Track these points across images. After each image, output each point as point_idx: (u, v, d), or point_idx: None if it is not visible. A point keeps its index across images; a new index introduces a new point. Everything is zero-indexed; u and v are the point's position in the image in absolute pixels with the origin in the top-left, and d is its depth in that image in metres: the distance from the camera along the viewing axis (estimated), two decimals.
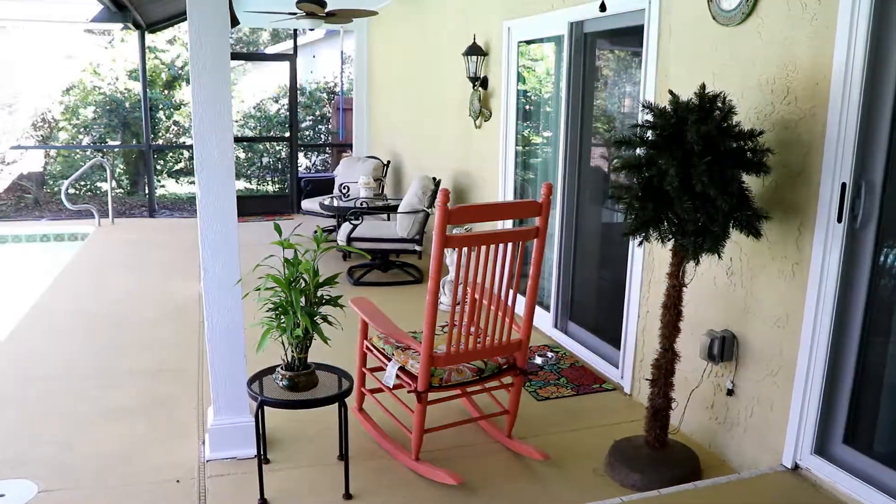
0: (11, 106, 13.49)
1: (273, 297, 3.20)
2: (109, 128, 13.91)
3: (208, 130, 3.57)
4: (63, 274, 8.02)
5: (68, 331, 6.18)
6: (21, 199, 13.29)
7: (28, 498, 3.59)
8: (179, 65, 14.63)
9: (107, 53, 14.03)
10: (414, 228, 7.21)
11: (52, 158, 14.11)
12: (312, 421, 4.13)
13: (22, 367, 5.38)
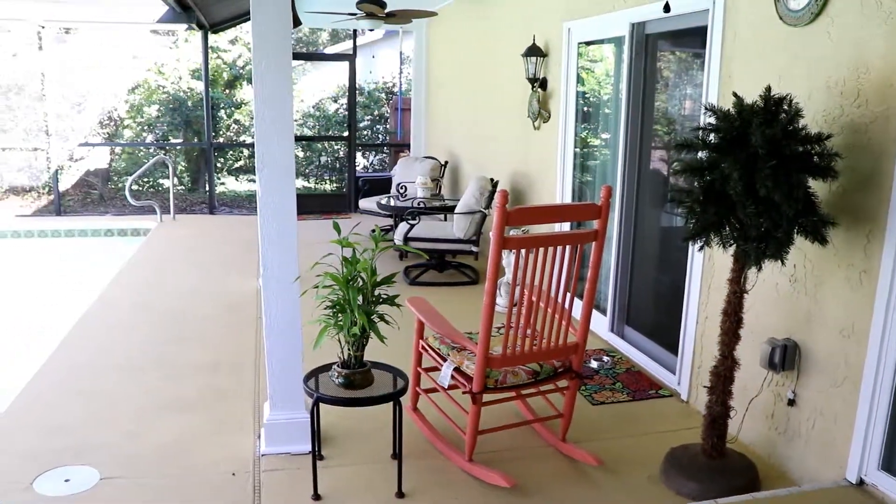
0: (80, 105, 13.84)
1: (331, 295, 3.22)
2: (172, 126, 14.18)
3: (270, 129, 3.62)
4: (126, 268, 8.21)
5: (130, 324, 6.32)
6: (87, 194, 13.63)
7: (91, 484, 3.69)
8: (241, 64, 14.84)
9: (171, 53, 14.31)
10: (471, 229, 7.21)
11: (117, 155, 14.44)
12: (367, 419, 4.15)
13: (87, 358, 5.52)
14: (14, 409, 4.59)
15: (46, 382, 5.03)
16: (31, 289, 9.22)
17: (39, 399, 4.76)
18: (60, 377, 5.13)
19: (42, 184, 13.32)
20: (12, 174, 13.48)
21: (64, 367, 5.32)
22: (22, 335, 7.46)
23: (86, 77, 13.73)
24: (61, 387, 4.96)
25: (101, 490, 3.65)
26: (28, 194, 13.37)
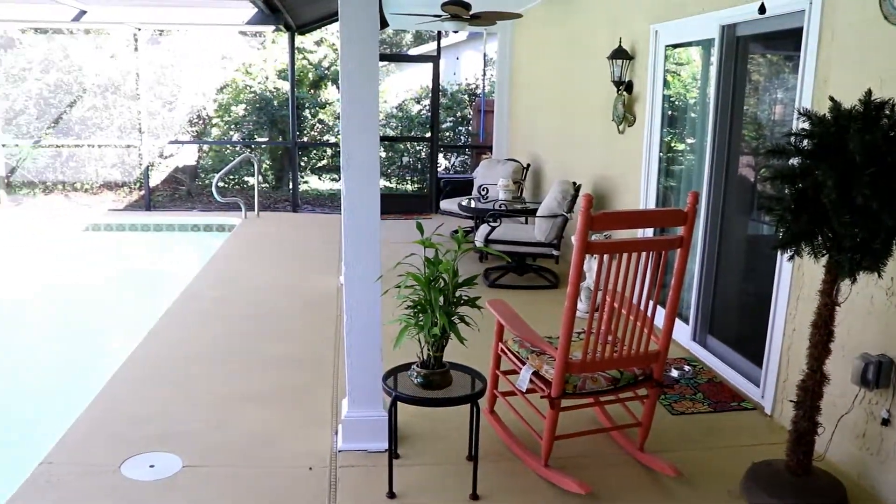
0: (171, 104, 14.26)
1: (412, 295, 3.24)
2: (258, 125, 14.49)
3: (356, 129, 3.66)
4: (211, 263, 8.42)
5: (214, 317, 6.48)
6: (176, 190, 14.03)
7: (174, 471, 3.80)
8: (326, 65, 15.06)
9: (258, 54, 14.61)
10: (552, 233, 7.15)
11: (204, 153, 14.83)
12: (444, 419, 4.15)
13: (172, 349, 5.68)
14: (103, 396, 4.76)
15: (133, 371, 5.20)
16: (121, 280, 9.55)
17: (126, 387, 4.93)
18: (147, 367, 5.30)
19: (134, 179, 13.78)
20: (106, 170, 13.98)
21: (150, 357, 5.49)
22: (111, 325, 7.73)
23: (177, 77, 14.14)
24: (147, 376, 5.12)
25: (183, 477, 3.76)
26: (120, 189, 13.84)
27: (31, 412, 5.61)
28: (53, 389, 6.01)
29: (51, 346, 7.14)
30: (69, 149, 13.85)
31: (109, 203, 13.25)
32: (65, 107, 13.92)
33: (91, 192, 13.85)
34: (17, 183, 13.56)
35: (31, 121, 13.80)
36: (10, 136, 13.37)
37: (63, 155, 13.87)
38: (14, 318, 8.10)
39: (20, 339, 7.41)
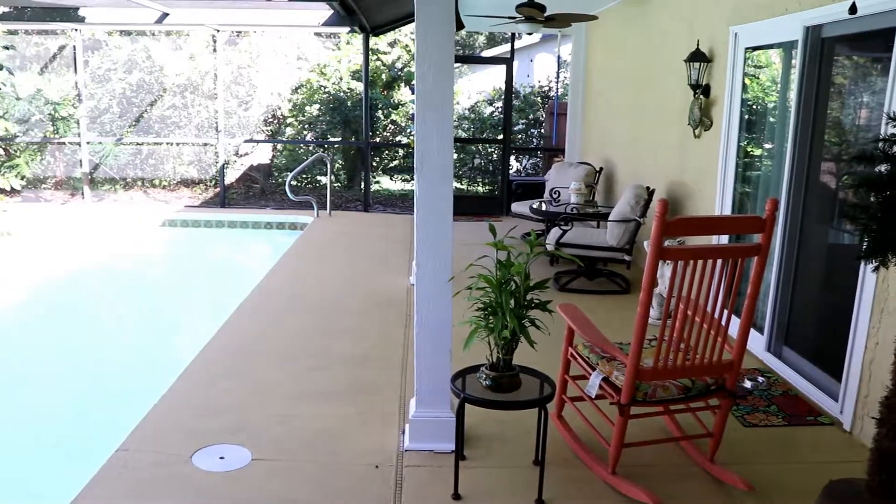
0: (247, 103, 14.53)
1: (483, 297, 3.23)
2: (331, 125, 14.65)
3: (430, 130, 3.67)
4: (283, 260, 8.55)
5: (285, 314, 6.58)
6: (250, 188, 14.29)
7: (243, 463, 3.88)
8: (399, 66, 15.16)
9: (333, 55, 14.79)
10: (624, 237, 7.07)
11: (278, 152, 15.07)
12: (511, 422, 4.14)
13: (244, 344, 5.79)
14: (176, 387, 4.88)
15: (206, 365, 5.32)
16: (195, 275, 9.77)
17: (199, 380, 5.04)
18: (219, 361, 5.41)
19: (209, 177, 14.08)
20: (184, 167, 14.32)
21: (223, 351, 5.61)
22: (186, 318, 7.92)
23: (253, 77, 14.41)
24: (219, 370, 5.23)
25: (252, 469, 3.83)
26: (197, 186, 14.16)
27: (108, 401, 5.78)
28: (130, 379, 6.19)
29: (128, 338, 7.36)
30: (149, 146, 14.24)
31: (186, 200, 13.57)
32: (146, 106, 14.31)
33: (169, 188, 14.20)
34: (99, 179, 14.00)
35: (114, 119, 14.23)
36: (95, 134, 13.80)
37: (143, 152, 14.27)
38: (95, 310, 8.37)
39: (100, 330, 7.66)
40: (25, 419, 5.59)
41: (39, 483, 4.58)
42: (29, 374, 6.50)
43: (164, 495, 3.63)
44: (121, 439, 4.13)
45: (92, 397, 5.92)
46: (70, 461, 4.76)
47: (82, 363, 6.68)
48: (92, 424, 5.38)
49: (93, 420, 5.47)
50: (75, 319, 8.03)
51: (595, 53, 10.75)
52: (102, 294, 8.95)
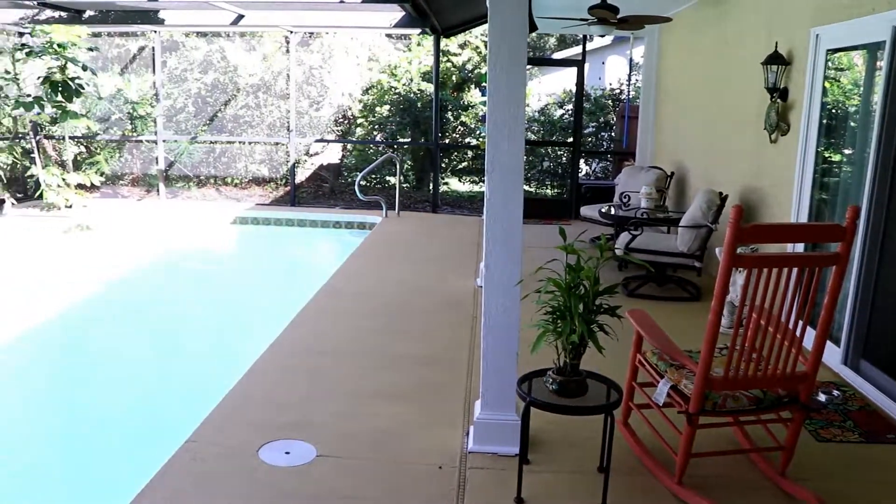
0: (318, 103, 14.73)
1: (552, 301, 3.21)
2: (401, 126, 14.74)
3: (501, 133, 3.66)
4: (351, 259, 8.63)
5: (352, 312, 6.64)
6: (319, 187, 14.47)
7: (308, 459, 3.93)
8: (470, 68, 15.18)
9: (403, 56, 14.88)
10: (695, 244, 6.94)
11: (348, 152, 15.22)
12: (576, 427, 4.10)
13: (310, 341, 5.87)
14: (244, 382, 4.98)
15: (273, 361, 5.40)
16: (264, 272, 9.94)
17: (266, 376, 5.13)
18: (286, 357, 5.49)
19: (280, 176, 14.30)
20: (255, 166, 14.58)
21: (289, 347, 5.69)
22: (254, 314, 8.05)
23: (324, 77, 14.59)
24: (286, 366, 5.31)
25: (317, 465, 3.88)
26: (268, 185, 14.40)
27: (177, 392, 5.94)
28: (199, 372, 6.34)
29: (198, 332, 7.53)
30: (222, 145, 14.54)
31: (257, 198, 13.81)
32: (220, 105, 14.62)
33: (240, 186, 14.48)
34: (174, 176, 14.35)
35: (189, 118, 14.57)
36: (171, 133, 14.16)
37: (216, 151, 14.58)
38: (167, 304, 8.58)
39: (171, 323, 7.85)
40: (98, 408, 5.78)
41: (110, 470, 4.73)
42: (104, 364, 6.71)
43: (230, 487, 3.70)
44: (189, 431, 4.23)
45: (161, 388, 6.09)
46: (140, 450, 4.90)
47: (154, 355, 6.87)
48: (161, 415, 5.53)
49: (162, 411, 5.62)
50: (148, 312, 8.25)
51: (668, 56, 10.60)
52: (174, 288, 9.17)
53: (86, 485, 4.51)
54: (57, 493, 4.53)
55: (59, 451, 5.16)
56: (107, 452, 5.02)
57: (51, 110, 11.85)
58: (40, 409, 5.93)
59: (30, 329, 7.47)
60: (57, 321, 7.78)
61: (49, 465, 4.95)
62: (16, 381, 6.36)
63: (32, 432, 5.47)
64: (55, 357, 6.98)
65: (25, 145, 12.51)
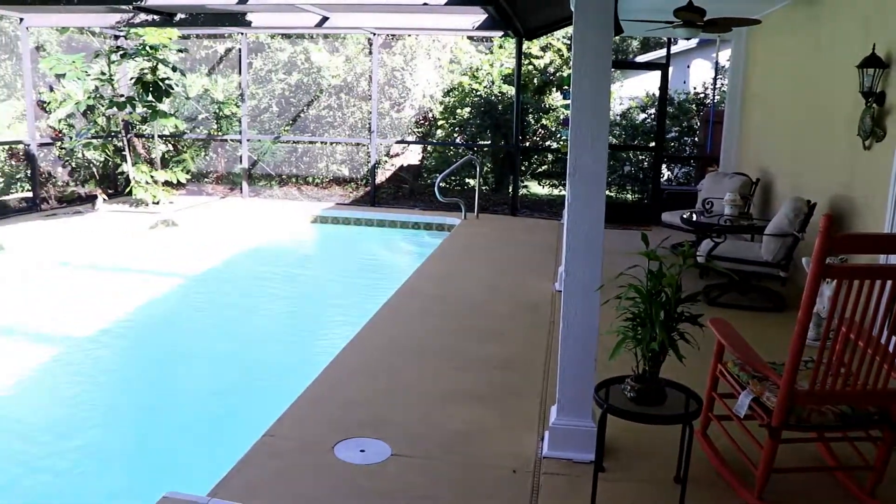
0: (400, 105, 14.85)
1: (632, 308, 3.16)
2: (481, 128, 14.74)
3: (584, 137, 3.63)
4: (429, 260, 8.68)
5: (429, 313, 6.67)
6: (399, 188, 14.58)
7: (383, 458, 3.97)
8: (552, 71, 15.09)
9: (485, 58, 14.88)
10: (780, 253, 6.75)
11: (428, 153, 15.30)
12: (653, 436, 4.03)
13: (387, 341, 5.92)
14: (321, 379, 5.05)
15: (351, 359, 5.47)
16: (343, 271, 10.06)
17: (343, 374, 5.19)
18: (363, 356, 5.55)
19: (360, 176, 14.47)
20: (336, 166, 14.79)
21: (366, 347, 5.75)
22: (333, 312, 8.17)
23: (406, 79, 14.71)
24: (363, 365, 5.37)
25: (391, 464, 3.91)
26: (348, 185, 14.59)
27: (256, 386, 6.07)
28: (277, 368, 6.47)
29: (276, 328, 7.67)
30: (304, 145, 14.80)
31: (337, 198, 14.00)
32: (303, 106, 14.88)
33: (321, 186, 14.70)
34: (256, 175, 14.67)
35: (273, 118, 14.88)
36: (255, 132, 14.48)
37: (298, 150, 14.84)
38: (247, 300, 8.76)
39: (251, 319, 8.01)
40: (178, 398, 5.95)
41: (189, 460, 4.86)
42: (183, 356, 6.90)
43: (305, 483, 3.76)
44: (267, 425, 4.31)
45: (240, 382, 6.22)
46: (217, 442, 5.03)
47: (232, 348, 7.02)
48: (240, 408, 5.66)
49: (240, 404, 5.75)
50: (228, 306, 8.45)
51: (756, 59, 10.34)
52: (254, 284, 9.36)
53: (164, 474, 4.63)
54: (136, 480, 4.68)
55: (139, 439, 5.32)
56: (185, 442, 5.17)
57: (141, 110, 12.27)
58: (124, 397, 6.14)
59: (115, 319, 7.74)
60: (141, 313, 8.05)
61: (129, 453, 5.11)
62: (100, 370, 6.60)
63: (115, 419, 5.67)
64: (137, 347, 7.22)
65: (117, 143, 12.95)
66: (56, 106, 12.14)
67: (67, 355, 6.74)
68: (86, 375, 6.37)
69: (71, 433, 5.28)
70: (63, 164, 13.05)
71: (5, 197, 12.33)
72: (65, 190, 12.87)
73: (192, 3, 10.73)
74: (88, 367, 6.55)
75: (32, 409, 5.72)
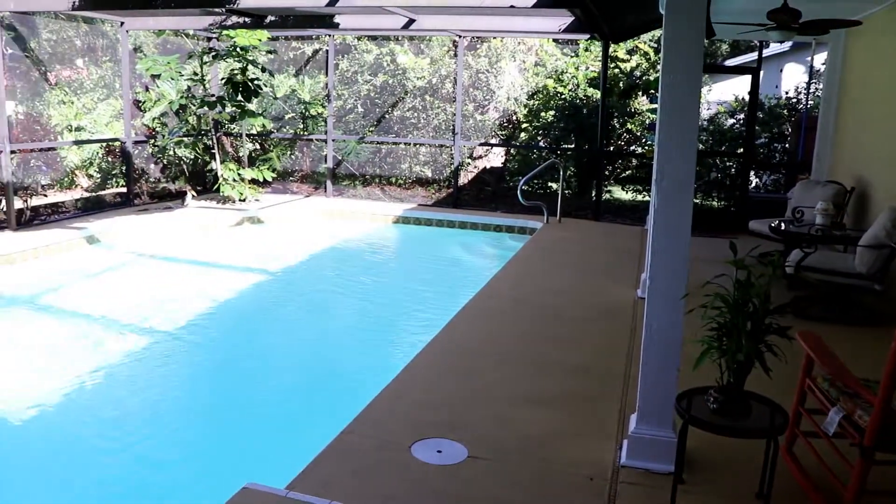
0: (484, 107, 14.85)
1: (718, 318, 3.08)
2: (565, 131, 14.61)
3: (672, 142, 3.57)
4: (510, 264, 8.65)
5: (508, 317, 6.65)
6: (481, 190, 14.57)
7: (459, 459, 3.99)
8: (638, 74, 14.86)
9: (570, 61, 14.75)
10: (876, 265, 6.49)
11: (511, 156, 15.24)
12: (736, 450, 3.93)
13: (465, 344, 5.92)
14: (400, 379, 5.09)
15: (429, 360, 5.50)
16: (423, 272, 10.12)
17: (422, 374, 5.22)
18: (442, 357, 5.57)
19: (443, 178, 14.52)
20: (419, 167, 14.89)
21: (445, 348, 5.77)
22: (412, 312, 8.21)
23: (490, 82, 14.70)
24: (441, 366, 5.39)
25: (467, 466, 3.92)
26: (431, 186, 14.66)
27: (337, 382, 6.15)
28: (356, 366, 6.55)
29: (357, 326, 7.76)
30: (388, 146, 14.94)
31: (419, 198, 14.08)
32: (387, 107, 15.03)
33: (404, 187, 14.82)
34: (340, 175, 14.88)
35: (358, 119, 15.07)
36: (340, 133, 14.69)
37: (382, 151, 15.00)
38: (329, 297, 8.90)
39: (333, 315, 8.13)
40: (260, 392, 6.08)
41: (266, 453, 4.96)
42: (265, 350, 7.06)
43: (382, 480, 3.79)
44: (345, 422, 4.36)
45: (319, 377, 6.32)
46: (296, 436, 5.12)
47: (313, 345, 7.13)
48: (320, 404, 5.74)
49: (320, 400, 5.84)
50: (310, 303, 8.60)
51: (854, 63, 9.98)
52: (336, 281, 9.51)
53: (245, 466, 4.74)
54: (218, 470, 4.79)
55: (222, 431, 5.45)
56: (265, 436, 5.27)
57: (231, 109, 12.59)
58: (206, 388, 6.31)
59: (200, 313, 7.98)
60: (224, 307, 8.28)
61: (212, 444, 5.25)
62: (184, 362, 6.80)
63: (198, 410, 5.83)
64: (220, 340, 7.42)
65: (207, 142, 13.30)
66: (150, 105, 12.55)
67: (155, 346, 6.97)
68: (171, 367, 6.58)
69: (156, 422, 5.47)
70: (155, 161, 13.50)
71: (101, 192, 12.83)
72: (156, 186, 13.32)
73: (283, 5, 10.95)
74: (174, 359, 6.76)
75: (119, 398, 5.92)
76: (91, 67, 13.59)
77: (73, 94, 12.91)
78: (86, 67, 13.59)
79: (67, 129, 12.56)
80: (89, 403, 5.77)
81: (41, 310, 7.91)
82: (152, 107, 12.43)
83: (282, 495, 3.58)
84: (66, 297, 8.40)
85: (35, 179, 12.19)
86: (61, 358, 6.58)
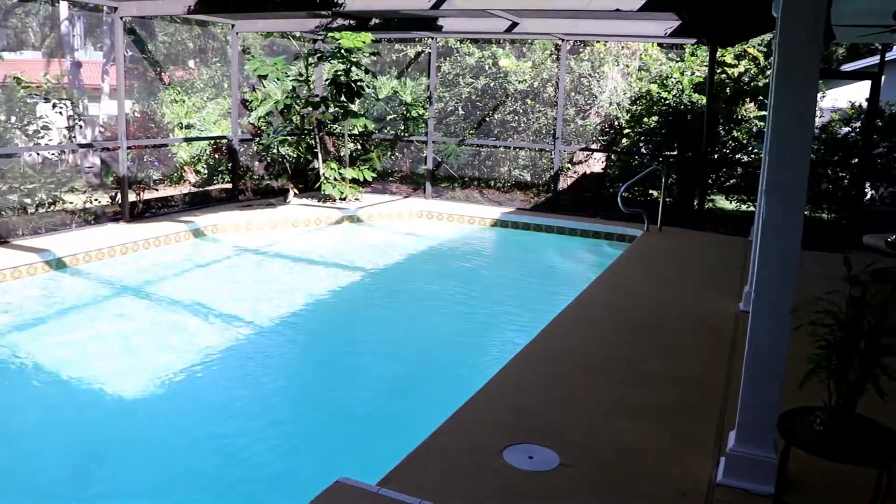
0: (585, 112, 14.67)
1: (828, 335, 2.94)
2: (668, 138, 14.28)
3: (784, 151, 3.43)
4: (608, 271, 8.50)
5: (604, 325, 6.54)
6: (581, 196, 14.39)
7: (551, 466, 3.95)
8: (746, 80, 14.41)
9: (675, 66, 14.42)
10: None
11: (612, 162, 15.00)
12: (843, 476, 3.72)
13: (559, 351, 5.85)
14: (493, 384, 5.07)
15: (523, 366, 5.46)
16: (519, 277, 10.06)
17: (515, 379, 5.19)
18: (533, 364, 5.52)
19: (542, 182, 14.42)
20: (518, 171, 14.83)
21: (539, 354, 5.71)
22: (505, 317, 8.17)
23: (593, 86, 14.52)
24: (533, 373, 5.34)
25: (558, 474, 3.87)
26: (530, 190, 14.57)
27: (430, 383, 6.17)
28: (448, 368, 6.55)
29: (451, 327, 7.77)
30: (487, 149, 14.94)
31: (518, 202, 14.02)
32: (488, 110, 15.03)
33: (502, 190, 14.78)
34: (440, 176, 14.95)
35: (459, 121, 15.12)
36: (440, 134, 14.77)
37: (482, 154, 15.00)
38: (424, 297, 8.94)
39: (427, 316, 8.16)
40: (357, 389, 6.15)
41: (359, 450, 5.01)
42: (363, 350, 7.14)
43: (473, 483, 3.78)
44: (438, 423, 4.37)
45: (414, 379, 6.35)
46: (388, 435, 5.15)
47: (409, 346, 7.17)
48: (414, 404, 5.77)
49: (415, 400, 5.87)
50: (406, 302, 8.67)
51: None
52: (432, 282, 9.54)
53: (338, 460, 4.79)
54: (312, 463, 4.87)
55: (318, 425, 5.54)
56: (360, 432, 5.33)
57: (334, 109, 12.81)
58: (305, 383, 6.43)
59: (299, 309, 8.15)
60: (323, 304, 8.44)
61: (307, 437, 5.33)
62: (284, 357, 6.94)
63: (296, 404, 5.94)
64: (319, 337, 7.57)
65: (309, 141, 13.57)
66: (257, 105, 12.90)
67: (256, 339, 7.16)
68: (271, 359, 6.74)
69: (256, 414, 5.60)
70: (259, 158, 13.88)
71: (208, 187, 13.26)
72: (260, 183, 13.68)
73: (388, 7, 11.07)
74: (275, 352, 6.93)
75: (218, 388, 6.10)
76: (202, 68, 14.08)
77: (184, 93, 13.39)
78: (197, 68, 14.09)
79: (178, 126, 13.04)
80: (191, 392, 5.97)
81: (151, 298, 8.22)
82: (258, 106, 12.76)
83: (373, 491, 3.61)
84: (174, 287, 8.74)
85: (148, 174, 12.71)
86: (164, 345, 6.83)
